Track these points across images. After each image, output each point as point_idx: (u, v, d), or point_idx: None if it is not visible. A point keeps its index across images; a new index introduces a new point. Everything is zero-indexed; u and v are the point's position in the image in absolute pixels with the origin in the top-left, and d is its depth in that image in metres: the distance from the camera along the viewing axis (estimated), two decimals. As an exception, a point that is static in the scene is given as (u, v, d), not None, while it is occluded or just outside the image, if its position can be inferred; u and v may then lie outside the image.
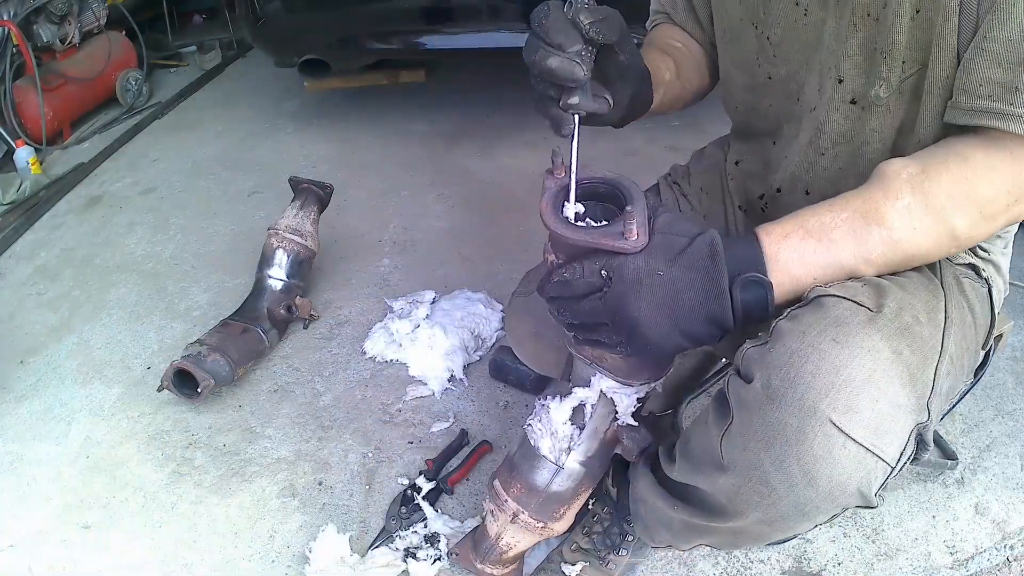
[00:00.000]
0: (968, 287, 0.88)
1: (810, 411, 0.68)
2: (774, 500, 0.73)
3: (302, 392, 1.73)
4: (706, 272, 0.72)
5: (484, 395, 1.69)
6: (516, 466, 1.04)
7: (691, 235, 0.74)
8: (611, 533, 1.21)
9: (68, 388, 1.80)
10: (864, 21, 0.80)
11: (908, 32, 0.77)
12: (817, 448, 0.68)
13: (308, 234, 1.91)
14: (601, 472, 1.05)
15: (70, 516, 1.47)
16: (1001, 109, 0.69)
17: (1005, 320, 1.15)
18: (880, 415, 0.68)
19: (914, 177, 0.72)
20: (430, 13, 2.54)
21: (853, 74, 0.84)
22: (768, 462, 0.71)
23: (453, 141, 2.90)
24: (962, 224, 0.72)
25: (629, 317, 0.73)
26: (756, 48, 0.97)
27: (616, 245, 0.72)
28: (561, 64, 0.71)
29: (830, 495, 0.70)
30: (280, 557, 1.35)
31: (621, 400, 0.92)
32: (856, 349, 0.68)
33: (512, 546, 1.11)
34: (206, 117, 3.36)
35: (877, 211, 0.72)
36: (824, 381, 0.68)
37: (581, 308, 0.75)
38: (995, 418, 1.52)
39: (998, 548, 1.28)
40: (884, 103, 0.82)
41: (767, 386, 0.71)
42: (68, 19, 3.23)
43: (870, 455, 0.68)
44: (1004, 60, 0.68)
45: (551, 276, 0.77)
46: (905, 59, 0.78)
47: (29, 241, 2.49)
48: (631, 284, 0.72)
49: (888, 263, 0.75)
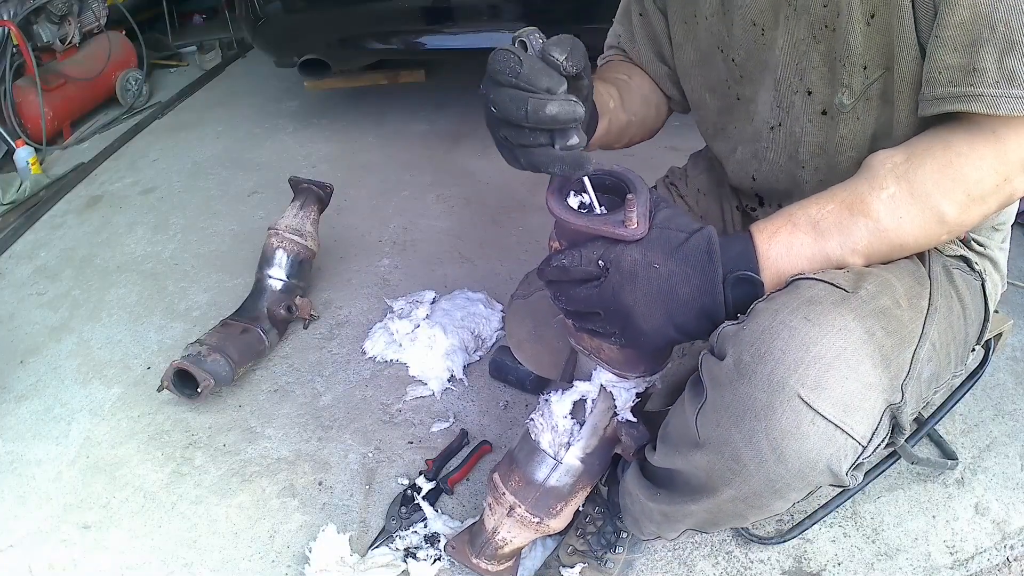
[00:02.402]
0: (958, 278, 0.88)
1: (779, 386, 0.68)
2: (745, 476, 0.73)
3: (302, 392, 1.73)
4: (702, 268, 0.73)
5: (484, 395, 1.69)
6: (516, 460, 1.06)
7: (689, 231, 0.75)
8: (605, 532, 1.21)
9: (68, 388, 1.80)
10: (822, 32, 0.82)
11: (864, 37, 0.78)
12: (785, 423, 0.68)
13: (308, 234, 1.91)
14: (600, 471, 1.06)
15: (70, 516, 1.47)
16: (962, 92, 0.70)
17: (1005, 320, 1.15)
18: (849, 392, 0.68)
19: (898, 166, 0.73)
20: (430, 13, 2.55)
21: (820, 85, 0.85)
22: (739, 437, 0.72)
23: (453, 141, 2.90)
24: (950, 209, 0.72)
25: (624, 307, 0.74)
26: (725, 70, 0.99)
27: (616, 232, 0.73)
28: (563, 107, 0.68)
29: (800, 472, 0.70)
30: (280, 557, 1.35)
31: (620, 394, 0.94)
32: (827, 327, 0.69)
33: (508, 541, 1.12)
34: (206, 117, 3.36)
35: (862, 202, 0.73)
36: (793, 357, 0.68)
37: (577, 295, 0.76)
38: (995, 418, 1.52)
39: (998, 548, 1.28)
40: (851, 109, 0.83)
41: (738, 362, 0.71)
42: (68, 19, 3.23)
43: (839, 432, 0.68)
44: (959, 44, 0.69)
45: (550, 261, 0.78)
46: (866, 64, 0.79)
47: (29, 241, 2.49)
48: (627, 275, 0.73)
49: (875, 253, 0.75)
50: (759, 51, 0.92)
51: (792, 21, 0.85)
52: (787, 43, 0.86)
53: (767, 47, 0.90)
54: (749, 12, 0.90)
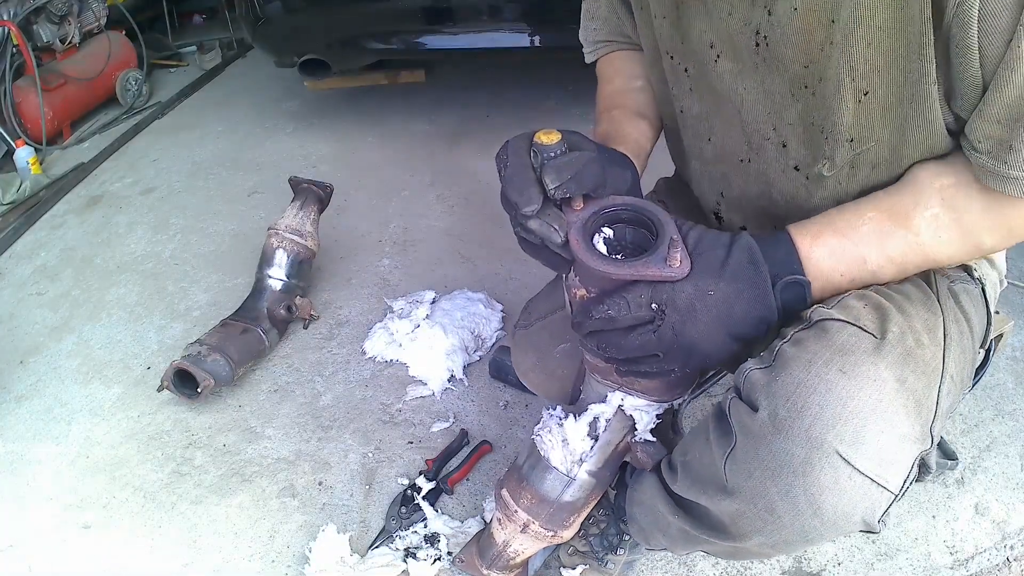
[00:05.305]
0: (963, 295, 0.87)
1: (817, 442, 0.68)
2: (779, 527, 0.73)
3: (302, 392, 1.73)
4: (751, 280, 0.73)
5: (484, 395, 1.69)
6: (525, 477, 1.03)
7: (726, 244, 0.74)
8: (608, 534, 1.21)
9: (68, 388, 1.80)
10: (801, 92, 0.77)
11: (853, 114, 0.74)
12: (824, 479, 0.68)
13: (308, 234, 1.91)
14: (610, 480, 1.04)
15: (70, 516, 1.47)
16: (998, 170, 0.67)
17: (1005, 320, 1.15)
18: (885, 447, 0.68)
19: (946, 189, 0.72)
20: (430, 13, 2.54)
21: (795, 144, 0.82)
22: (774, 491, 0.71)
23: (453, 141, 2.90)
24: (990, 241, 0.73)
25: (687, 344, 0.72)
26: (672, 77, 0.95)
27: (664, 274, 0.71)
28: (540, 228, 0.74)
29: (835, 524, 0.71)
30: (280, 557, 1.35)
31: (641, 417, 0.91)
32: (862, 380, 0.69)
33: (520, 553, 1.11)
34: (206, 117, 3.36)
35: (906, 215, 0.73)
36: (831, 412, 0.68)
37: (630, 343, 0.73)
38: (995, 418, 1.51)
39: (998, 548, 1.28)
40: (832, 178, 0.81)
41: (774, 416, 0.71)
42: (68, 19, 3.23)
43: (875, 486, 0.69)
44: (1003, 119, 0.66)
45: (590, 313, 0.74)
46: (853, 137, 0.76)
47: (29, 241, 2.49)
48: (686, 312, 0.71)
49: (910, 264, 0.76)
50: (711, 78, 0.86)
51: (763, 70, 0.79)
52: (759, 89, 0.81)
53: (720, 79, 0.85)
54: (706, 32, 0.84)
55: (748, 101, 0.84)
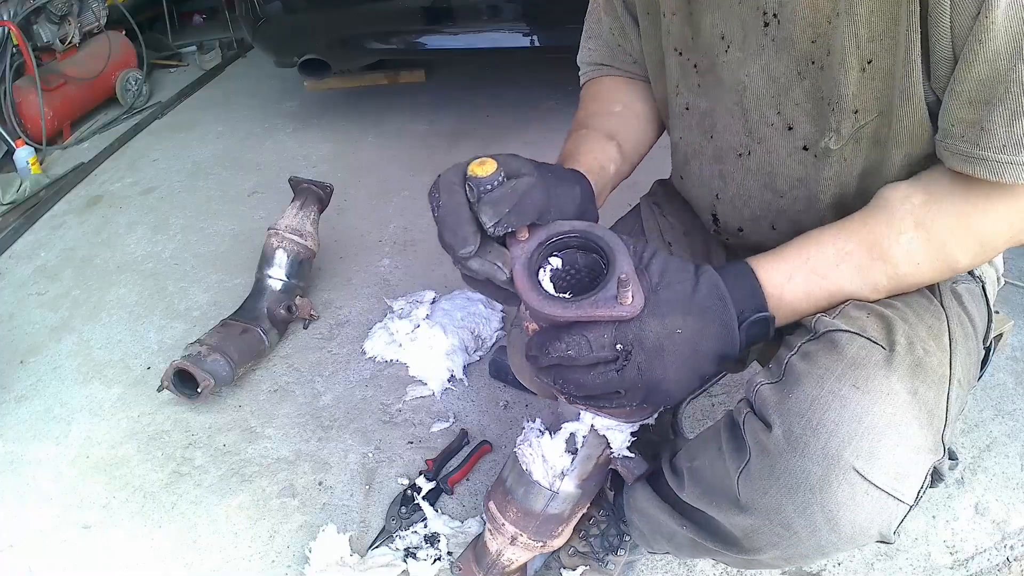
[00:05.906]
0: (964, 295, 0.87)
1: (834, 459, 0.68)
2: (794, 543, 0.73)
3: (302, 392, 1.73)
4: (718, 316, 0.72)
5: (484, 395, 1.69)
6: (510, 491, 1.02)
7: (691, 276, 0.73)
8: (608, 535, 1.20)
9: (68, 388, 1.80)
10: (808, 68, 0.77)
11: (857, 83, 0.74)
12: (841, 496, 0.69)
13: (308, 234, 1.91)
14: (597, 489, 1.03)
15: (70, 516, 1.47)
16: (971, 152, 0.67)
17: (1005, 320, 1.15)
18: (900, 460, 0.69)
19: (917, 209, 0.72)
20: (430, 13, 2.54)
21: (803, 121, 0.81)
22: (791, 508, 0.71)
23: (453, 141, 2.90)
24: (963, 258, 0.73)
25: (653, 382, 0.71)
26: (677, 76, 0.94)
27: (614, 314, 0.66)
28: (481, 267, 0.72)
29: (852, 538, 0.71)
30: (280, 557, 1.35)
31: (615, 436, 0.90)
32: (876, 394, 0.69)
33: (514, 561, 1.11)
34: (206, 117, 3.36)
35: (880, 246, 0.73)
36: (847, 429, 0.68)
37: (591, 381, 0.70)
38: (995, 418, 1.51)
39: (998, 548, 1.28)
40: (838, 152, 0.81)
41: (788, 434, 0.71)
42: (68, 19, 3.23)
43: (891, 499, 0.69)
44: (974, 99, 0.66)
45: (546, 349, 0.70)
46: (857, 108, 0.76)
47: (29, 241, 2.49)
48: (654, 351, 0.69)
49: (892, 291, 0.76)
50: (720, 68, 0.86)
51: (770, 52, 0.79)
52: (763, 74, 0.81)
53: (728, 68, 0.85)
54: (718, 25, 0.84)
55: (751, 88, 0.84)
